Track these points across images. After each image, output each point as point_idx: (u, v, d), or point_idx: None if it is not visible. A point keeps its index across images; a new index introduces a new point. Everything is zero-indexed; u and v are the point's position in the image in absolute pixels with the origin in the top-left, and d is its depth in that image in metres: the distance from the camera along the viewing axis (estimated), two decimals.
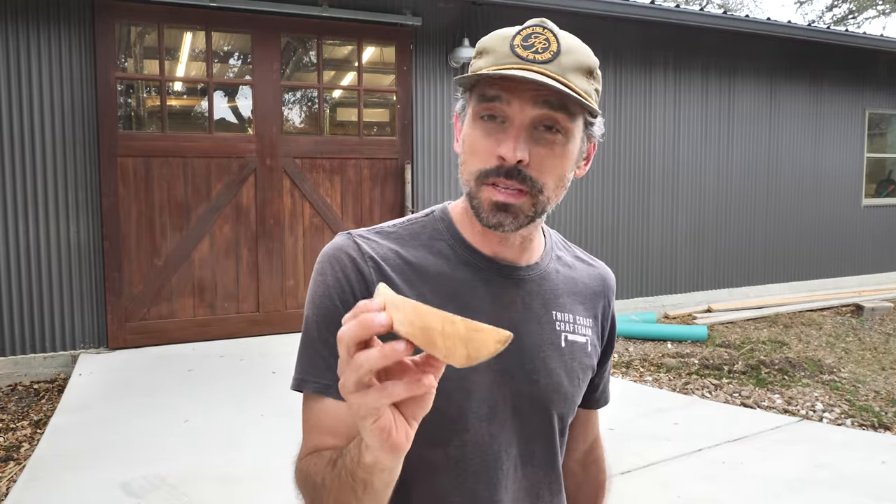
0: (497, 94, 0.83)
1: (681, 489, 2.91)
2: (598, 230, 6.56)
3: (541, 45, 0.84)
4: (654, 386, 4.68)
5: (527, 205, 0.85)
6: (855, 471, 3.11)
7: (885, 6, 21.43)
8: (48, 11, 4.56)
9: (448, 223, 0.95)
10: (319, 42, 5.45)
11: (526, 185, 0.84)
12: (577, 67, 0.85)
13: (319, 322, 0.87)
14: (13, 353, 4.60)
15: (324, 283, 0.88)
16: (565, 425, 1.00)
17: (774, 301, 7.28)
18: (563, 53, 0.84)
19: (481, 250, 0.93)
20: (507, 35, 0.86)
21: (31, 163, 4.59)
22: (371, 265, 0.88)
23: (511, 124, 0.84)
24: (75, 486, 2.84)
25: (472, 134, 0.87)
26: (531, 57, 0.83)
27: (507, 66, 0.83)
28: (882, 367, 5.20)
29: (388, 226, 0.95)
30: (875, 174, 8.62)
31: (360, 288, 0.86)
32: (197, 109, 5.43)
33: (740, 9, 23.39)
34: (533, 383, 0.92)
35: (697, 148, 7.08)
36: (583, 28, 6.74)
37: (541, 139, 0.85)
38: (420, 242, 0.93)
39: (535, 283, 0.96)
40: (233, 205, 5.18)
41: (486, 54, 0.87)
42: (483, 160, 0.85)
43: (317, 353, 0.87)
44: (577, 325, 0.99)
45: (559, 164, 0.86)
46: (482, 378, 0.89)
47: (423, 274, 0.90)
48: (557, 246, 1.05)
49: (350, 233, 0.92)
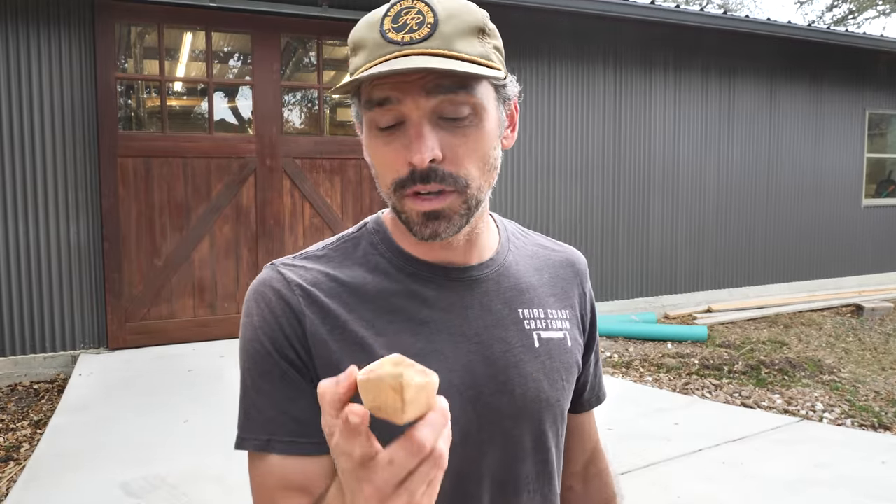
0: (385, 97, 0.73)
1: (681, 489, 2.91)
2: (598, 230, 6.56)
3: (414, 20, 0.73)
4: (654, 386, 4.68)
5: (456, 204, 0.76)
6: (855, 471, 3.11)
7: (885, 6, 21.43)
8: (48, 12, 4.56)
9: (383, 234, 0.86)
10: (319, 42, 5.45)
11: (447, 184, 0.74)
12: (464, 31, 0.74)
13: (252, 369, 0.78)
14: (13, 353, 4.60)
15: (250, 325, 0.79)
16: (558, 437, 0.89)
17: (774, 301, 7.28)
18: (443, 21, 0.73)
19: (423, 258, 0.83)
20: (374, 20, 0.75)
21: (31, 163, 4.59)
22: (299, 294, 0.78)
23: (410, 124, 0.73)
24: (75, 486, 2.84)
25: (374, 145, 0.77)
26: (406, 39, 0.72)
27: (382, 58, 0.72)
28: (882, 368, 5.20)
29: (318, 248, 0.86)
30: (875, 174, 8.62)
31: (288, 323, 0.77)
32: (197, 110, 5.44)
33: (740, 9, 23.40)
34: (508, 395, 0.82)
35: (697, 148, 7.09)
36: (583, 28, 6.73)
37: (449, 127, 0.74)
38: (354, 261, 0.84)
39: (493, 281, 0.86)
40: (233, 205, 5.18)
41: (359, 50, 0.76)
42: (394, 170, 0.75)
43: (252, 404, 0.78)
44: (550, 321, 0.88)
45: (478, 148, 0.76)
46: (452, 397, 0.74)
47: (362, 294, 0.81)
48: (515, 236, 0.95)
49: (274, 263, 0.83)
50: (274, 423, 0.76)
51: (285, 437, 0.76)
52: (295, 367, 0.77)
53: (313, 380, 0.76)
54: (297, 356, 0.77)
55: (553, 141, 6.31)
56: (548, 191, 6.31)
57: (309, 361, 0.77)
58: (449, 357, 0.80)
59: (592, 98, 6.47)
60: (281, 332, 0.77)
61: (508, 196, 6.14)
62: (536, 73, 6.18)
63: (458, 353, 0.81)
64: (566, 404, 0.90)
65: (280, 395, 0.77)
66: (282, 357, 0.77)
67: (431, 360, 0.78)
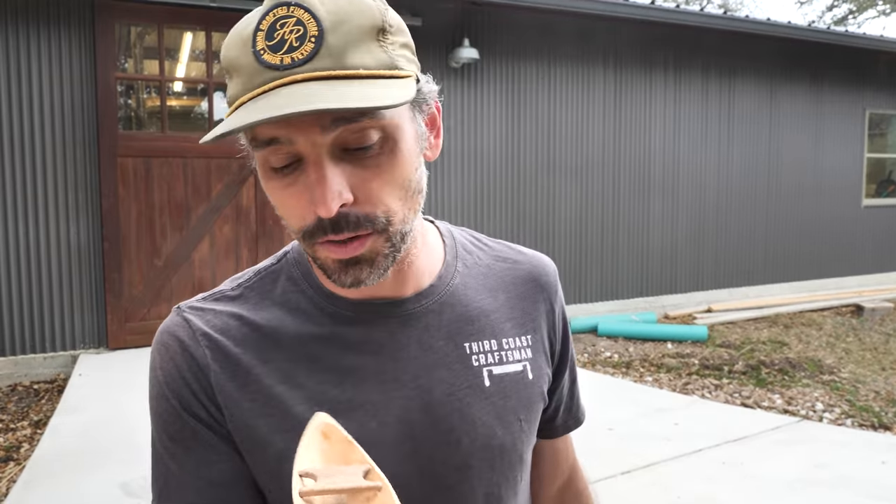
0: (272, 137, 0.60)
1: (681, 489, 2.91)
2: (598, 230, 6.56)
3: (294, 35, 0.58)
4: (654, 386, 4.68)
5: (378, 245, 0.64)
6: (855, 471, 3.11)
7: (885, 6, 21.43)
8: (48, 12, 4.56)
9: (304, 268, 0.74)
10: None
11: (364, 228, 0.62)
12: (358, 38, 0.59)
13: (162, 432, 0.71)
14: (13, 353, 4.60)
15: (155, 380, 0.72)
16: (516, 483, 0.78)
17: (775, 301, 7.28)
18: (330, 30, 0.58)
19: (347, 296, 0.72)
20: (246, 35, 0.61)
21: (31, 163, 4.59)
22: (205, 344, 0.69)
23: (308, 163, 0.60)
24: (75, 486, 2.84)
25: (271, 188, 0.65)
26: (286, 61, 0.58)
27: (259, 88, 0.58)
28: (882, 368, 5.20)
29: (231, 287, 0.76)
30: (875, 174, 8.62)
31: (194, 377, 0.68)
32: (197, 110, 5.44)
33: (740, 9, 23.41)
34: (454, 445, 0.71)
35: (697, 148, 7.09)
36: (583, 28, 6.73)
37: (356, 160, 0.61)
38: (272, 300, 0.73)
39: (434, 313, 0.74)
40: (233, 205, 5.19)
41: (233, 72, 0.62)
42: (299, 217, 0.63)
43: (167, 470, 0.71)
44: (504, 352, 0.76)
45: (395, 177, 0.63)
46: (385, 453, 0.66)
47: (278, 340, 0.70)
48: (466, 250, 0.81)
49: (180, 307, 0.73)
50: (192, 491, 0.68)
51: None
52: (206, 426, 0.68)
53: (229, 437, 0.68)
54: (207, 413, 0.68)
55: (553, 141, 6.31)
56: (548, 191, 6.31)
57: (220, 418, 0.68)
58: (379, 408, 0.70)
59: (592, 98, 6.47)
60: (187, 387, 0.69)
61: (508, 196, 6.14)
62: (536, 72, 6.18)
63: (391, 402, 0.70)
64: (526, 447, 0.78)
65: (194, 459, 0.69)
66: (191, 416, 0.69)
67: (359, 413, 0.69)
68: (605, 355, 5.48)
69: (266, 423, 0.68)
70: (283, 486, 0.65)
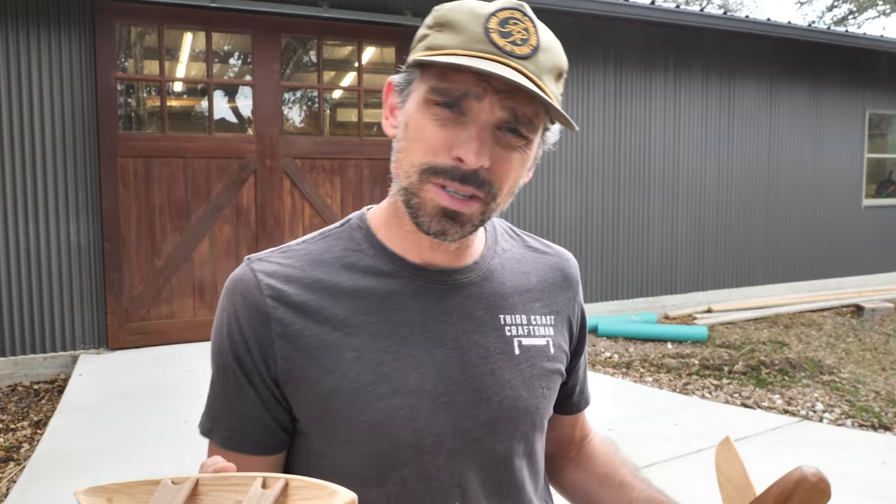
0: (464, 93, 0.71)
1: (681, 489, 2.91)
2: (598, 230, 6.56)
3: (519, 35, 0.72)
4: (654, 386, 4.68)
5: (476, 213, 0.75)
6: (855, 471, 3.11)
7: (886, 6, 21.43)
8: (48, 12, 4.57)
9: (366, 231, 0.84)
10: (319, 42, 5.45)
11: (483, 191, 0.73)
12: (552, 69, 0.74)
13: (214, 361, 0.81)
14: (13, 353, 4.60)
15: (218, 320, 0.81)
16: (534, 444, 0.88)
17: (775, 301, 7.28)
18: (542, 51, 0.73)
19: (407, 258, 0.82)
20: (479, 13, 0.72)
21: (31, 163, 4.59)
22: (268, 294, 0.77)
23: (474, 121, 0.72)
24: (75, 486, 2.83)
25: (421, 121, 0.74)
26: (509, 48, 0.71)
27: (481, 54, 0.70)
28: (882, 368, 5.20)
29: (297, 243, 0.85)
30: (875, 175, 8.62)
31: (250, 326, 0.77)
32: (197, 110, 5.44)
33: (740, 9, 23.41)
34: (484, 402, 0.80)
35: (697, 148, 7.09)
36: (583, 28, 6.73)
37: (502, 142, 0.74)
38: (333, 255, 0.82)
39: (476, 286, 0.84)
40: (233, 205, 5.19)
41: (450, 29, 0.73)
42: (433, 153, 0.73)
43: (210, 392, 0.82)
44: (532, 327, 0.87)
45: (516, 171, 0.76)
46: (420, 404, 0.77)
47: (337, 292, 0.79)
48: (503, 237, 0.93)
49: (249, 258, 0.82)
50: (220, 414, 0.81)
51: (224, 430, 0.80)
52: (245, 371, 0.78)
53: (265, 383, 0.78)
54: (252, 361, 0.77)
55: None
56: (548, 190, 6.31)
57: (263, 368, 0.77)
58: (422, 362, 0.79)
59: (592, 98, 6.47)
60: (241, 334, 0.77)
61: None
62: None
63: (433, 358, 0.79)
64: (546, 412, 0.88)
65: (228, 391, 0.79)
66: (235, 358, 0.78)
67: (403, 364, 0.78)
68: (605, 355, 5.47)
69: (318, 365, 0.77)
70: (328, 423, 0.77)
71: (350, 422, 0.76)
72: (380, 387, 0.76)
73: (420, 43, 0.77)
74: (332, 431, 0.77)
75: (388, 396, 0.77)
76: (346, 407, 0.76)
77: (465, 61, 0.69)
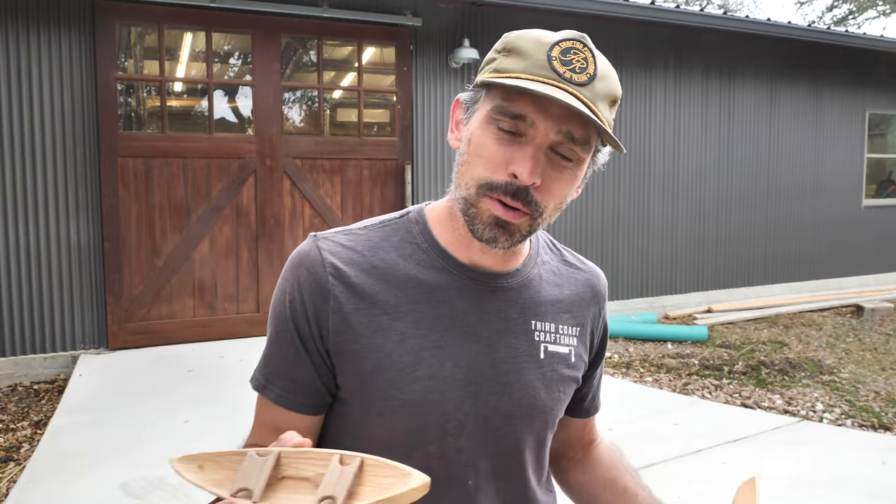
0: (523, 115, 0.78)
1: (681, 489, 2.91)
2: (598, 230, 6.56)
3: (579, 63, 0.79)
4: (654, 386, 4.68)
5: (525, 225, 0.82)
6: (855, 471, 3.11)
7: (886, 7, 21.43)
8: (48, 12, 4.57)
9: (423, 226, 0.91)
10: (319, 42, 5.45)
11: (529, 208, 0.80)
12: (606, 96, 0.82)
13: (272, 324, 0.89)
14: (13, 353, 4.60)
15: (281, 288, 0.88)
16: (544, 439, 0.96)
17: (775, 301, 7.28)
18: (598, 79, 0.80)
19: (457, 257, 0.89)
20: (543, 41, 0.80)
21: (31, 163, 4.59)
22: (330, 271, 0.85)
23: (530, 142, 0.79)
24: (75, 486, 2.84)
25: (483, 138, 0.81)
26: (568, 75, 0.78)
27: (542, 79, 0.78)
28: (882, 368, 5.20)
29: (359, 227, 0.92)
30: (875, 175, 8.62)
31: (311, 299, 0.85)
32: (197, 110, 5.44)
33: (740, 9, 23.40)
34: (507, 396, 0.89)
35: (697, 148, 7.09)
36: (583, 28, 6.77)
37: (554, 162, 0.81)
38: (391, 244, 0.90)
39: (515, 291, 0.92)
40: (233, 205, 5.19)
41: (516, 55, 0.81)
42: (491, 170, 0.80)
43: (267, 351, 0.90)
44: (559, 336, 0.94)
45: (565, 190, 0.83)
46: (450, 390, 0.85)
47: (391, 278, 0.86)
48: (544, 249, 1.00)
49: (315, 235, 0.90)
50: (274, 373, 0.88)
51: (278, 388, 0.88)
52: (302, 338, 0.86)
53: (318, 351, 0.86)
54: (309, 330, 0.85)
55: None
56: None
57: (318, 338, 0.85)
58: (457, 353, 0.86)
59: None
60: (302, 305, 0.85)
61: None
62: None
63: (467, 351, 0.87)
64: (558, 413, 0.96)
65: (284, 353, 0.87)
66: (295, 326, 0.86)
67: (441, 353, 0.86)
68: (605, 355, 5.47)
69: (365, 343, 0.85)
70: (366, 396, 0.85)
71: (386, 399, 0.84)
72: (418, 370, 0.84)
73: (488, 65, 0.85)
74: (369, 404, 0.85)
75: (424, 379, 0.85)
76: (385, 384, 0.84)
77: (528, 84, 0.76)
